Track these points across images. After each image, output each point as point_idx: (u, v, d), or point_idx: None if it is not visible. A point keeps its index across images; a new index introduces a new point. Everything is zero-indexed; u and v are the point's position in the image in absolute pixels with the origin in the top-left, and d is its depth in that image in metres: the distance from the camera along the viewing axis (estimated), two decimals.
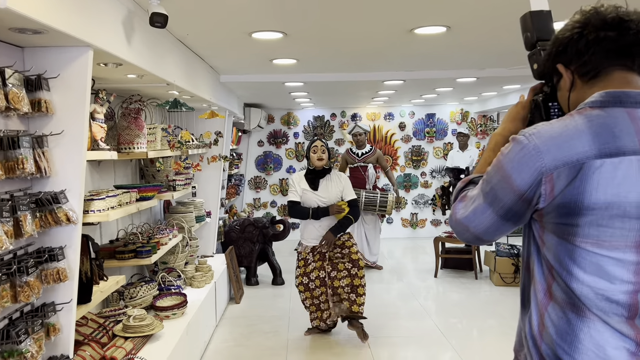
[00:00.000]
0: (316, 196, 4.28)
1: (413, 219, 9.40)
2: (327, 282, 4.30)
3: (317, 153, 4.30)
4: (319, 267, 4.32)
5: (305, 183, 4.33)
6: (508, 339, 4.46)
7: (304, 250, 4.39)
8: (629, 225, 1.11)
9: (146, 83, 3.25)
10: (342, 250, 4.32)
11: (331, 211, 4.21)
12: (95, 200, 2.84)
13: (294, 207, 4.30)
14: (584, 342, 1.15)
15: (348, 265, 4.27)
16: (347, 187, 4.37)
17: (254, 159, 9.31)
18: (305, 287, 4.37)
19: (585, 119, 1.16)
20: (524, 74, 5.38)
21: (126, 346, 2.94)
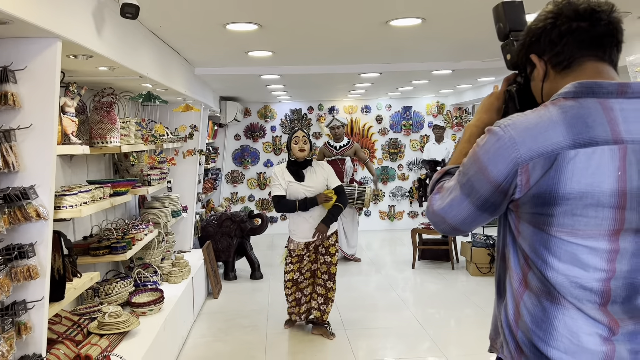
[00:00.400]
0: (303, 187, 4.17)
1: (390, 212, 9.46)
2: (317, 273, 4.35)
3: (299, 144, 4.18)
4: (312, 259, 4.32)
5: (289, 175, 4.22)
6: (485, 328, 4.52)
7: (297, 247, 4.28)
8: (602, 214, 1.12)
9: (118, 76, 3.18)
10: (325, 257, 4.30)
11: (319, 200, 4.13)
12: (67, 196, 2.78)
13: (281, 201, 4.17)
14: (558, 329, 1.18)
15: (325, 277, 4.31)
16: (331, 174, 4.29)
17: (231, 152, 9.24)
18: (294, 283, 4.34)
19: (559, 110, 1.17)
20: (498, 66, 5.44)
21: (101, 343, 2.89)
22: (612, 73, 1.24)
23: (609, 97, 1.16)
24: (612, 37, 1.24)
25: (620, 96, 1.16)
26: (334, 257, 4.30)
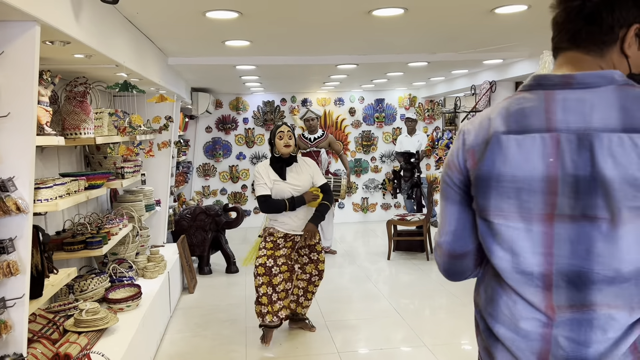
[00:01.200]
0: (289, 186, 3.92)
1: (364, 204, 9.49)
2: (296, 270, 4.13)
3: (284, 139, 3.93)
4: (288, 254, 4.05)
5: (274, 173, 3.95)
6: (459, 316, 4.61)
7: (277, 233, 4.00)
8: (534, 199, 1.16)
9: (94, 64, 3.06)
10: (311, 254, 4.12)
11: (307, 199, 3.91)
12: (42, 189, 2.66)
13: (267, 201, 3.89)
14: (502, 309, 1.24)
15: (314, 272, 4.14)
16: (317, 172, 4.08)
17: (202, 145, 9.09)
18: (267, 271, 3.92)
19: (509, 100, 1.24)
20: (472, 59, 5.50)
21: (80, 341, 2.80)
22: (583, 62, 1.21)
23: (555, 88, 1.19)
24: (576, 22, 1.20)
25: (565, 87, 1.18)
26: (320, 254, 4.14)
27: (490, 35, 4.42)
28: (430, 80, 7.91)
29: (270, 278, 3.93)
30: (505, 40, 4.66)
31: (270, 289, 3.93)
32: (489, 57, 5.46)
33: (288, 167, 3.99)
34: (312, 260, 4.13)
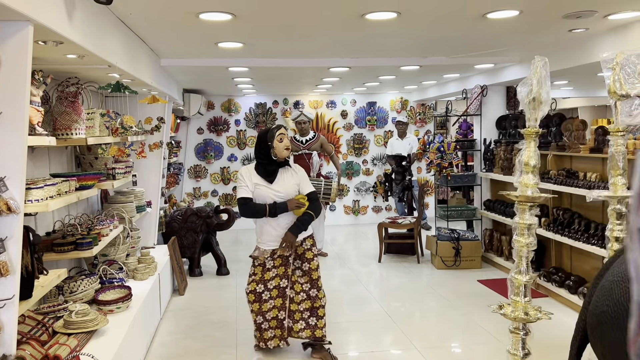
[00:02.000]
0: (271, 191, 3.68)
1: (355, 206, 9.51)
2: (287, 293, 3.79)
3: (284, 141, 3.69)
4: (281, 274, 3.75)
5: (258, 177, 3.72)
6: (449, 320, 4.63)
7: (262, 254, 3.75)
8: None
9: (86, 64, 3.05)
10: (302, 265, 3.78)
11: (290, 207, 3.64)
12: (32, 190, 2.64)
13: (247, 204, 3.67)
14: None
15: (306, 286, 3.77)
16: (304, 179, 3.83)
17: (194, 147, 9.06)
18: (256, 297, 3.73)
19: None
20: (463, 63, 5.53)
21: (70, 343, 2.78)
22: None
23: None
24: None
25: None
26: (312, 262, 3.79)
27: (481, 40, 4.45)
28: (422, 84, 7.95)
29: (260, 305, 3.74)
30: (497, 45, 4.70)
31: (260, 317, 3.75)
32: (480, 61, 5.50)
33: (281, 168, 3.78)
34: (304, 272, 3.79)
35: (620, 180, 2.50)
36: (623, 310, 1.95)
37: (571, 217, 4.83)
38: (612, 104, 2.50)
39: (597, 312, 2.07)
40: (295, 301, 3.77)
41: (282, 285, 3.76)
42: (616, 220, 2.53)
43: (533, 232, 2.46)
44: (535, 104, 2.33)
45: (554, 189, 4.88)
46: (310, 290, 3.76)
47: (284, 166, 3.79)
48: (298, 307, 3.77)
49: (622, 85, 2.45)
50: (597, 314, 2.06)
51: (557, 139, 5.30)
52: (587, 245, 4.45)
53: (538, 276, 5.29)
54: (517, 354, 2.52)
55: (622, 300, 1.96)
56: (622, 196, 2.48)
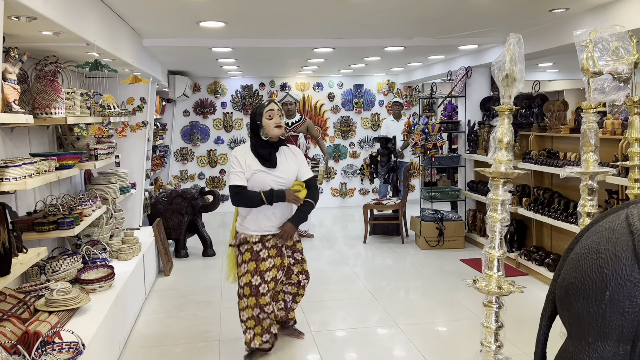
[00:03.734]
0: (272, 177, 3.27)
1: (342, 189, 9.55)
2: (278, 286, 3.56)
3: (274, 118, 3.26)
4: (278, 265, 3.40)
5: (255, 160, 3.29)
6: (432, 298, 4.70)
7: (250, 238, 3.34)
8: None
9: (63, 42, 3.02)
10: (294, 255, 3.56)
11: (288, 197, 3.27)
12: (10, 168, 2.65)
13: (241, 193, 3.24)
14: None
15: (302, 277, 3.60)
16: (303, 162, 3.44)
17: (180, 129, 9.02)
18: (253, 291, 3.30)
19: None
20: (448, 44, 5.54)
21: (51, 320, 2.80)
22: None
23: None
24: None
25: None
26: (303, 255, 3.62)
27: (464, 21, 4.46)
28: (408, 66, 7.95)
29: (257, 299, 3.32)
30: (480, 26, 4.71)
31: (257, 310, 3.35)
32: (464, 42, 5.51)
33: (276, 152, 3.35)
34: (297, 260, 3.58)
35: (592, 156, 2.54)
36: (589, 281, 2.00)
37: (551, 196, 4.90)
38: (585, 81, 2.53)
39: (565, 284, 2.13)
40: (285, 283, 3.60)
41: (278, 278, 3.43)
42: (588, 196, 2.58)
43: (506, 207, 2.50)
44: (509, 81, 2.35)
45: (535, 169, 4.94)
46: (303, 280, 3.62)
47: (279, 147, 3.36)
48: (283, 288, 3.62)
49: (595, 63, 2.48)
50: (565, 286, 2.12)
51: (539, 119, 5.34)
52: (566, 224, 4.52)
53: (519, 255, 5.37)
54: (490, 327, 2.58)
55: (588, 272, 2.01)
56: (594, 172, 2.53)
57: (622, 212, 2.07)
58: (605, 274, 1.94)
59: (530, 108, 5.57)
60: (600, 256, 1.98)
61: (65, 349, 2.59)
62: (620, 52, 2.57)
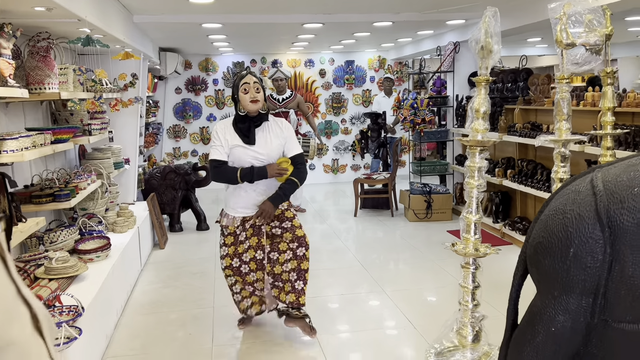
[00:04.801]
0: (251, 152, 3.11)
1: (334, 165, 9.67)
2: (265, 265, 3.29)
3: (250, 92, 3.06)
4: (255, 245, 3.25)
5: (235, 135, 3.13)
6: (418, 267, 4.88)
7: (232, 223, 3.24)
8: None
9: (55, 18, 3.09)
10: (282, 224, 3.26)
11: (270, 173, 3.09)
12: (7, 140, 2.75)
13: (219, 167, 3.11)
14: None
15: (293, 244, 3.25)
16: (291, 138, 3.22)
17: (172, 106, 9.07)
18: (235, 271, 3.30)
19: None
20: (436, 19, 5.61)
21: (51, 286, 2.93)
22: None
23: None
24: None
25: None
26: (294, 220, 3.30)
27: None
28: (398, 41, 8.01)
29: (242, 278, 3.31)
30: (466, 1, 4.78)
31: (249, 287, 3.35)
32: (451, 17, 5.58)
33: (257, 127, 3.16)
34: (286, 229, 3.26)
35: (564, 125, 2.66)
36: (556, 240, 2.15)
37: (534, 168, 5.05)
38: (559, 52, 2.64)
39: (534, 244, 2.27)
40: (280, 261, 3.24)
41: (259, 257, 3.27)
42: (560, 163, 2.71)
43: (482, 174, 2.63)
44: (485, 53, 2.46)
45: (520, 141, 5.07)
46: (298, 249, 3.24)
47: (261, 123, 3.16)
48: (283, 268, 3.24)
49: (569, 35, 2.59)
50: (534, 245, 2.26)
51: (524, 93, 5.46)
52: (548, 194, 4.67)
53: (503, 225, 5.54)
54: (468, 287, 2.74)
55: (555, 231, 2.16)
56: (565, 140, 2.66)
57: (588, 175, 2.22)
58: (570, 233, 2.09)
59: (515, 82, 5.68)
60: (566, 216, 2.13)
61: (65, 312, 2.73)
62: (594, 24, 2.68)
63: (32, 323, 0.60)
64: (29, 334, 0.59)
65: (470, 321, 2.73)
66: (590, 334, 2.19)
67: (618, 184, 2.10)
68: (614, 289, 2.08)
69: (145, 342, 3.43)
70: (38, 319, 0.61)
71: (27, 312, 0.59)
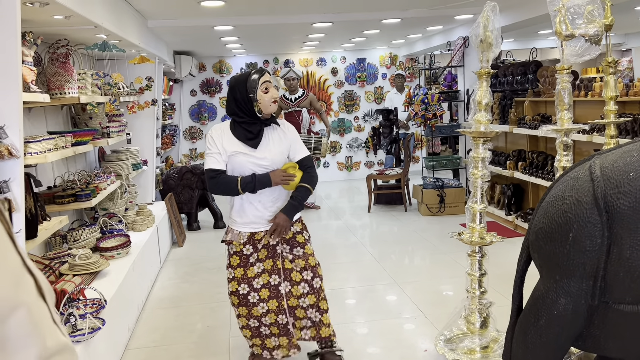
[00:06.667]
0: (253, 159, 2.69)
1: (348, 162, 9.76)
2: (281, 293, 2.82)
3: (271, 92, 2.68)
4: (269, 269, 2.80)
5: (234, 140, 2.70)
6: (431, 259, 4.95)
7: (237, 238, 2.78)
8: None
9: (73, 25, 3.24)
10: (293, 250, 2.85)
11: (274, 181, 2.67)
12: (31, 143, 2.89)
13: (217, 178, 2.67)
14: None
15: (307, 274, 2.85)
16: (296, 141, 2.84)
17: (188, 108, 9.25)
18: (242, 300, 2.78)
19: None
20: (444, 14, 5.67)
21: (75, 281, 3.08)
22: None
23: None
24: None
25: None
26: (306, 246, 2.89)
27: None
28: (409, 38, 8.06)
29: (249, 309, 2.79)
30: None
31: (254, 321, 2.82)
32: (459, 12, 5.63)
33: (267, 127, 2.75)
34: (298, 257, 2.86)
35: (566, 114, 2.72)
36: (555, 225, 2.22)
37: (545, 159, 5.08)
38: (559, 43, 2.70)
39: (535, 230, 2.35)
40: (294, 294, 2.85)
41: (274, 283, 2.80)
42: (563, 152, 2.77)
43: (486, 164, 2.70)
44: (484, 46, 2.54)
45: (530, 133, 5.10)
46: (314, 280, 2.86)
47: (270, 125, 2.76)
48: (299, 302, 2.85)
49: (568, 26, 2.65)
50: (536, 231, 2.34)
51: (533, 85, 5.48)
52: None
53: (516, 217, 5.58)
54: (475, 274, 2.81)
55: (554, 217, 2.23)
56: (568, 129, 2.72)
57: (587, 162, 2.28)
58: (569, 218, 2.17)
59: (525, 75, 5.70)
60: (565, 202, 2.20)
61: (89, 305, 2.87)
62: (594, 15, 2.73)
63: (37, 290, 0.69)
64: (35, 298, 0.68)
65: (478, 308, 2.80)
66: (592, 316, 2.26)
67: (615, 169, 2.17)
68: (612, 271, 2.15)
69: (166, 334, 3.57)
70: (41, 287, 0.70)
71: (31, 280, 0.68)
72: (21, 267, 0.67)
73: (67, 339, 0.71)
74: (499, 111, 5.87)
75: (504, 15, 5.64)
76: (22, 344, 0.64)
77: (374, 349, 3.25)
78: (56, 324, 0.71)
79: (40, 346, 0.65)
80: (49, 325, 0.68)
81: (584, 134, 4.13)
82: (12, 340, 0.63)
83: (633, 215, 1.98)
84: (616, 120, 2.73)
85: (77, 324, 2.59)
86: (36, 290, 0.70)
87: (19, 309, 0.64)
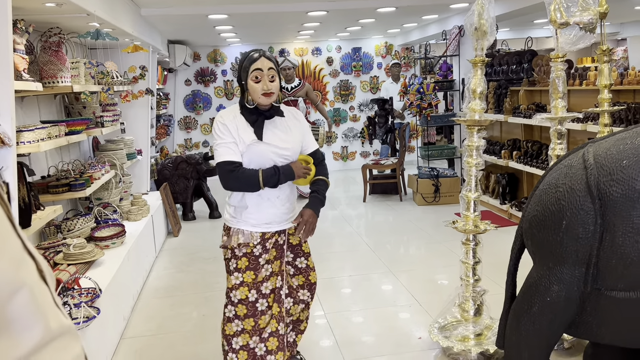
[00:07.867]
0: (275, 149, 2.36)
1: (343, 152, 9.75)
2: (282, 298, 2.55)
3: (263, 81, 2.30)
4: (276, 270, 2.50)
5: (247, 127, 2.35)
6: (425, 248, 4.97)
7: (250, 239, 2.39)
8: None
9: (65, 13, 3.21)
10: (296, 260, 2.62)
11: (297, 172, 2.38)
12: (24, 132, 2.87)
13: (236, 171, 2.29)
14: None
15: (306, 294, 2.68)
16: (308, 131, 2.57)
17: (182, 98, 9.21)
18: (250, 310, 2.43)
19: None
20: (440, 3, 5.64)
21: (69, 270, 3.08)
22: None
23: None
24: None
25: None
26: (310, 259, 2.67)
27: None
28: (404, 27, 8.03)
29: (255, 320, 2.45)
30: None
31: (255, 339, 2.46)
32: (454, 0, 5.60)
33: (267, 120, 2.38)
34: (300, 270, 2.64)
35: (560, 102, 2.72)
36: (549, 213, 2.23)
37: (539, 148, 5.09)
38: (553, 31, 2.70)
39: (529, 217, 2.36)
40: (292, 312, 2.67)
41: (277, 286, 2.52)
42: (557, 140, 2.78)
43: (480, 152, 2.71)
44: (479, 34, 2.53)
45: (524, 123, 5.11)
46: (309, 298, 2.70)
47: (272, 116, 2.39)
48: (296, 310, 2.70)
49: (562, 14, 2.64)
50: (529, 219, 2.35)
51: (528, 74, 5.48)
52: None
53: (510, 206, 5.60)
54: (469, 262, 2.83)
55: (548, 204, 2.24)
56: (562, 117, 2.72)
57: (581, 150, 2.29)
58: (562, 205, 2.18)
59: (520, 64, 5.70)
60: (559, 190, 2.21)
61: (84, 294, 2.87)
62: (588, 3, 2.73)
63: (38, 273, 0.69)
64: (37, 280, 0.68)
65: (472, 295, 2.82)
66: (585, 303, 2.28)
67: (608, 157, 2.17)
68: (605, 258, 2.17)
69: (161, 323, 3.57)
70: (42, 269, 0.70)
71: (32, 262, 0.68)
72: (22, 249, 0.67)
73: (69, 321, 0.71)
74: (494, 100, 5.87)
75: (499, 4, 5.62)
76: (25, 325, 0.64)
77: (369, 337, 3.27)
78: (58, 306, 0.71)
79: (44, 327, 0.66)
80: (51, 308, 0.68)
81: (578, 122, 4.14)
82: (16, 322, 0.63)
83: (626, 202, 2.00)
84: (610, 109, 2.74)
85: (72, 313, 2.59)
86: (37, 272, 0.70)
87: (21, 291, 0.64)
